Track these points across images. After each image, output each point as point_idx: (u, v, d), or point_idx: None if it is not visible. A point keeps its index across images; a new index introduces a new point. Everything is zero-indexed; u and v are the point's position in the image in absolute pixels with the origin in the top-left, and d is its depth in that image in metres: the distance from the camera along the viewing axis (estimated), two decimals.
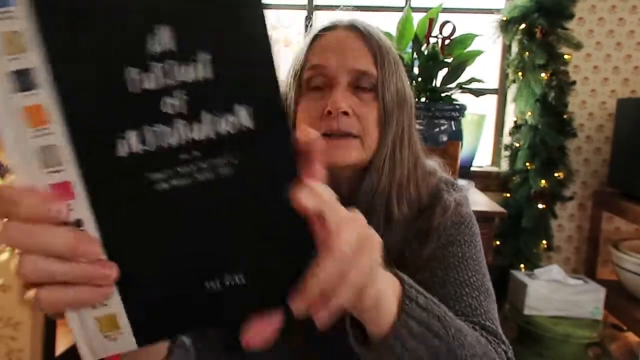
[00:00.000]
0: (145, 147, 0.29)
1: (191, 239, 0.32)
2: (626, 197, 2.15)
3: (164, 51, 0.28)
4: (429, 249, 0.65)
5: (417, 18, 1.86)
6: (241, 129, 0.30)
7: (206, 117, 0.30)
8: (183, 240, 0.31)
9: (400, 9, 2.32)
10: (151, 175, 0.30)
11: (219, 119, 0.30)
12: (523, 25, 2.17)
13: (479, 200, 1.70)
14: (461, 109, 1.80)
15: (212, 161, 0.30)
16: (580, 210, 2.45)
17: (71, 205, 0.29)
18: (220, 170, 0.31)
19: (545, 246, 2.23)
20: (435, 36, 1.82)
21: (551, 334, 1.92)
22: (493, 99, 2.56)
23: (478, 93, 1.96)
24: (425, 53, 1.83)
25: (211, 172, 0.31)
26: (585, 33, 2.34)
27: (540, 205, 2.18)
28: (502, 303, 2.11)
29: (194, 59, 0.29)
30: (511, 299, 2.11)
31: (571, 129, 2.20)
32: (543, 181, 2.16)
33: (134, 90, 0.28)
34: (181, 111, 0.29)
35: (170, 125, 0.29)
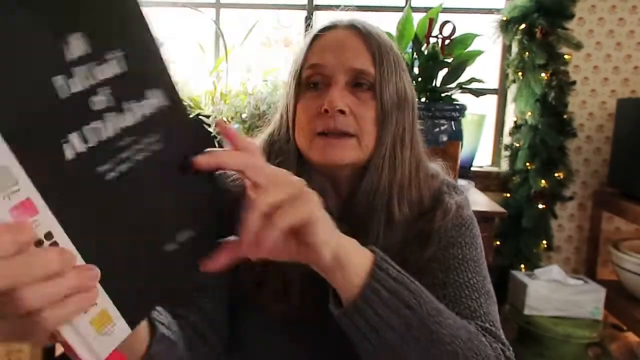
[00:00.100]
0: (88, 145, 0.32)
1: (145, 212, 0.36)
2: (626, 197, 2.15)
3: (82, 55, 0.31)
4: (429, 251, 0.65)
5: (417, 18, 1.86)
6: (160, 108, 0.36)
7: (130, 106, 0.34)
8: (139, 216, 0.35)
9: (400, 9, 2.32)
10: (99, 168, 0.33)
11: (141, 104, 0.35)
12: (523, 25, 2.16)
13: (479, 200, 1.70)
14: (461, 109, 1.79)
15: (145, 141, 0.35)
16: (580, 210, 2.45)
17: (38, 221, 0.29)
18: (153, 147, 0.36)
19: (545, 246, 2.23)
20: (435, 36, 1.81)
21: (551, 334, 1.92)
22: (493, 99, 2.56)
23: (478, 93, 1.96)
24: (425, 53, 1.83)
25: (146, 151, 0.35)
26: (585, 33, 2.34)
27: (540, 205, 2.18)
28: (502, 303, 2.11)
29: (108, 57, 0.32)
30: (511, 299, 2.11)
31: (571, 129, 2.19)
32: (543, 181, 2.15)
33: (64, 96, 0.30)
34: (109, 105, 0.33)
35: (103, 120, 0.32)
